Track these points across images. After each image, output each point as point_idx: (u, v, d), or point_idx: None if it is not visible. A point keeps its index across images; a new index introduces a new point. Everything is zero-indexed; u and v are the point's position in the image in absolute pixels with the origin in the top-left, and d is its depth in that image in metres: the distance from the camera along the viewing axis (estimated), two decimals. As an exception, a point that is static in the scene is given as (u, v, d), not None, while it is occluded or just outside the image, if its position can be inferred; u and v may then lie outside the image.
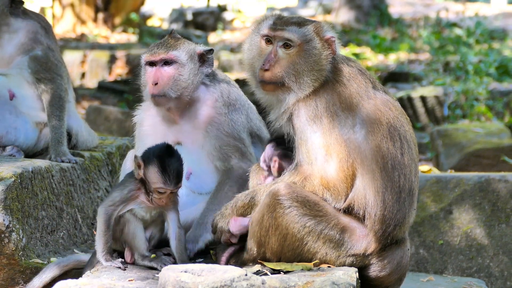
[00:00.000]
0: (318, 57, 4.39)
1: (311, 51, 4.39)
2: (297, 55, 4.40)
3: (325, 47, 4.42)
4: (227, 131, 4.85)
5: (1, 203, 5.01)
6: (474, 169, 10.09)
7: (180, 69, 4.85)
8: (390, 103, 4.43)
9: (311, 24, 4.45)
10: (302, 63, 4.38)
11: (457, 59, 17.09)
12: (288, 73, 4.39)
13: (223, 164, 4.84)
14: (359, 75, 4.45)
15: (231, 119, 4.87)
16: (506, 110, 14.03)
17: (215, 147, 4.84)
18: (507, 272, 6.35)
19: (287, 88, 4.40)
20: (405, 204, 4.32)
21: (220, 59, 18.29)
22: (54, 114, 5.76)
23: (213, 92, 4.92)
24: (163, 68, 4.84)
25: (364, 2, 22.41)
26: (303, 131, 4.33)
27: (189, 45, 4.94)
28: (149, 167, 4.37)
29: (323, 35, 4.43)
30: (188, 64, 4.87)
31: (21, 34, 5.85)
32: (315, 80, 4.37)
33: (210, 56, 4.95)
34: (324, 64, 4.39)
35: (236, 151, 4.84)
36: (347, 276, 3.98)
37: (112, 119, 12.46)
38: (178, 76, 4.84)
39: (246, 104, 5.02)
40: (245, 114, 4.95)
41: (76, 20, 22.17)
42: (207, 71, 4.92)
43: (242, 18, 26.27)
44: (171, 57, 4.85)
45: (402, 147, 4.34)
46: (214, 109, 4.88)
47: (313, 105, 4.36)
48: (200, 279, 3.73)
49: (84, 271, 4.55)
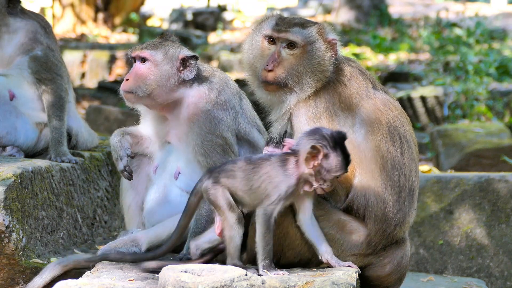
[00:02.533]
0: (322, 59, 4.40)
1: (315, 52, 4.40)
2: (300, 56, 4.40)
3: (328, 49, 4.42)
4: (208, 128, 4.84)
5: (1, 203, 5.01)
6: (474, 169, 10.09)
7: (153, 68, 4.85)
8: (390, 103, 4.44)
9: (314, 25, 4.46)
10: (305, 64, 4.39)
11: (457, 59, 17.10)
12: (291, 74, 4.39)
13: (205, 160, 4.84)
14: (359, 75, 4.46)
15: (214, 117, 4.86)
16: (506, 110, 14.03)
17: (197, 143, 4.85)
18: (507, 272, 6.35)
19: (290, 89, 4.40)
20: (405, 204, 4.32)
21: (220, 59, 18.29)
22: (54, 114, 5.76)
23: (200, 89, 4.92)
24: (139, 65, 4.87)
25: (364, 2, 22.41)
26: (303, 131, 4.33)
27: (172, 48, 4.90)
28: (331, 155, 4.10)
29: (326, 37, 4.44)
30: (163, 65, 4.85)
31: (21, 34, 5.85)
32: (317, 81, 4.38)
33: (193, 62, 4.90)
34: (327, 65, 4.40)
35: (218, 147, 4.84)
36: (347, 276, 3.98)
37: (112, 119, 12.45)
38: (148, 75, 4.84)
39: (238, 108, 5.00)
40: (233, 116, 4.93)
41: (76, 20, 22.18)
42: (187, 76, 4.89)
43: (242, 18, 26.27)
44: (145, 55, 4.85)
45: (402, 146, 4.35)
46: (197, 106, 4.88)
47: (313, 105, 4.37)
48: (200, 279, 3.73)
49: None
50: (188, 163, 4.92)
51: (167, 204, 4.94)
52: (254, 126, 5.05)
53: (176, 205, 4.92)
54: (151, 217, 4.98)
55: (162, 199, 4.95)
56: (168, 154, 4.99)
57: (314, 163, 4.09)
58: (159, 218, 4.94)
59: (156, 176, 5.01)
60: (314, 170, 4.10)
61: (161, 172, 4.99)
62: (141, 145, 5.06)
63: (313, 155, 4.09)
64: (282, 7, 26.96)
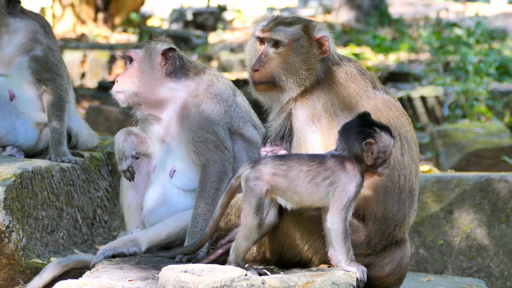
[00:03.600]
0: (306, 56, 4.40)
1: (299, 50, 4.41)
2: (286, 54, 4.42)
3: (313, 46, 4.42)
4: (198, 122, 4.86)
5: (1, 203, 5.01)
6: (474, 169, 10.09)
7: (136, 66, 4.95)
8: (391, 103, 4.43)
9: (301, 23, 4.47)
10: (291, 62, 4.41)
11: (457, 59, 17.10)
12: (278, 72, 4.42)
13: (198, 157, 4.85)
14: (358, 75, 4.45)
15: (203, 110, 4.88)
16: (506, 110, 14.03)
17: (188, 139, 4.87)
18: (507, 272, 6.35)
19: (279, 87, 4.43)
20: (405, 204, 4.32)
21: (220, 59, 18.29)
22: (54, 114, 5.76)
23: (188, 85, 4.95)
24: (127, 66, 5.00)
25: (364, 2, 22.41)
26: (302, 131, 4.34)
27: (153, 44, 5.00)
28: (380, 138, 4.07)
29: (313, 34, 4.44)
30: (145, 62, 4.94)
31: (21, 34, 5.85)
32: (305, 79, 4.38)
33: (172, 54, 4.96)
34: (313, 63, 4.40)
35: (210, 144, 4.85)
36: (347, 276, 3.98)
37: (112, 119, 12.45)
38: (133, 73, 4.94)
39: (231, 102, 5.01)
40: (224, 109, 4.95)
41: (76, 20, 22.18)
42: (169, 69, 4.95)
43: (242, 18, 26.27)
44: (130, 54, 4.98)
45: (403, 147, 4.34)
46: (186, 101, 4.92)
47: (310, 105, 4.37)
48: (200, 279, 3.73)
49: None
50: (182, 161, 4.93)
51: (166, 204, 4.95)
52: (248, 121, 5.05)
53: (174, 205, 4.93)
54: (150, 217, 4.98)
55: (161, 198, 4.96)
56: (165, 153, 5.00)
57: (373, 155, 4.07)
58: (158, 218, 4.95)
59: (154, 175, 5.02)
60: (374, 160, 4.08)
61: (159, 171, 5.00)
62: (144, 145, 5.08)
63: (370, 150, 4.07)
64: (282, 7, 26.94)
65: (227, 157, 4.86)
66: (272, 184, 4.07)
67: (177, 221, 4.87)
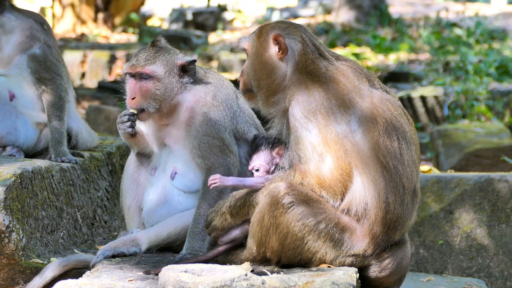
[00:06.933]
0: (263, 59, 4.50)
1: (256, 56, 4.53)
2: (250, 62, 4.57)
3: (269, 46, 4.49)
4: (205, 130, 4.86)
5: (1, 203, 5.01)
6: (474, 169, 10.09)
7: (157, 83, 4.86)
8: (390, 102, 4.42)
9: (261, 27, 4.58)
10: (254, 69, 4.54)
11: (457, 59, 17.09)
12: (247, 81, 4.59)
13: (203, 161, 4.85)
14: (352, 73, 4.44)
15: (211, 118, 4.87)
16: (506, 110, 14.03)
17: (194, 145, 4.87)
18: (507, 272, 6.35)
19: (256, 94, 4.56)
20: (405, 205, 4.31)
21: (220, 59, 18.29)
22: (54, 114, 5.76)
23: (196, 93, 4.93)
24: (141, 81, 4.87)
25: (364, 2, 22.41)
26: (298, 129, 4.34)
27: (169, 57, 4.91)
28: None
29: (269, 35, 4.50)
30: (166, 78, 4.88)
31: (17, 33, 5.84)
32: (270, 84, 4.47)
33: (192, 66, 4.94)
34: (272, 63, 4.47)
35: (215, 148, 4.85)
36: (347, 276, 3.98)
37: (112, 119, 12.45)
38: (155, 91, 4.86)
39: (235, 107, 5.02)
40: (230, 116, 4.95)
41: (76, 20, 22.19)
42: (188, 80, 4.93)
43: (242, 18, 26.28)
44: (147, 72, 4.85)
45: (401, 147, 4.33)
46: (194, 110, 4.90)
47: (306, 103, 4.37)
48: (200, 279, 3.73)
49: None
50: (184, 164, 4.93)
51: (166, 205, 4.95)
52: (252, 125, 5.06)
53: (174, 206, 4.93)
54: (150, 217, 4.99)
55: (161, 199, 4.96)
56: (166, 156, 5.01)
57: None
58: (158, 218, 4.95)
59: (155, 177, 5.02)
60: None
61: (160, 173, 5.01)
62: (144, 140, 5.08)
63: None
64: (282, 7, 26.94)
65: (233, 161, 4.86)
66: None
67: (177, 221, 4.87)
